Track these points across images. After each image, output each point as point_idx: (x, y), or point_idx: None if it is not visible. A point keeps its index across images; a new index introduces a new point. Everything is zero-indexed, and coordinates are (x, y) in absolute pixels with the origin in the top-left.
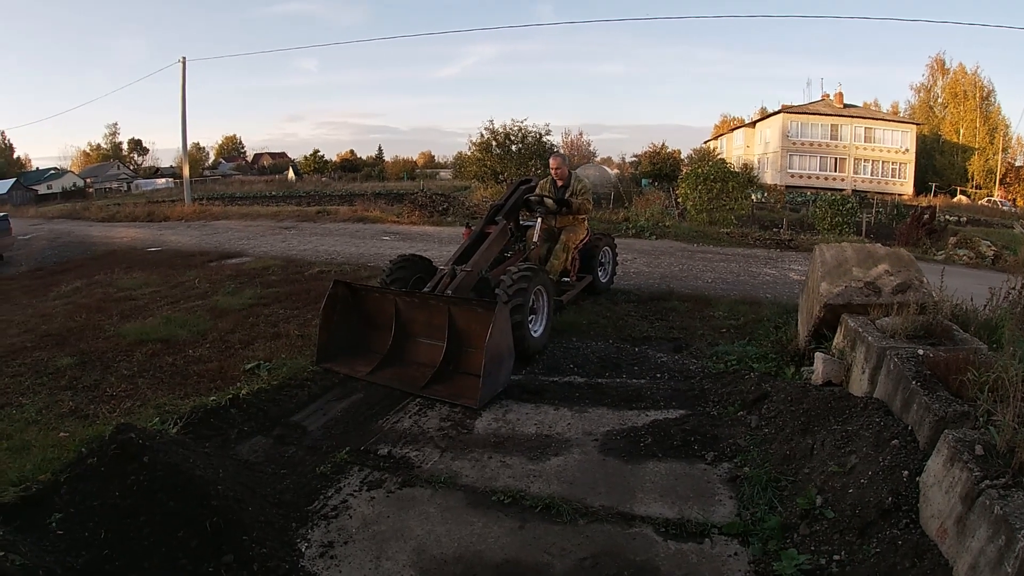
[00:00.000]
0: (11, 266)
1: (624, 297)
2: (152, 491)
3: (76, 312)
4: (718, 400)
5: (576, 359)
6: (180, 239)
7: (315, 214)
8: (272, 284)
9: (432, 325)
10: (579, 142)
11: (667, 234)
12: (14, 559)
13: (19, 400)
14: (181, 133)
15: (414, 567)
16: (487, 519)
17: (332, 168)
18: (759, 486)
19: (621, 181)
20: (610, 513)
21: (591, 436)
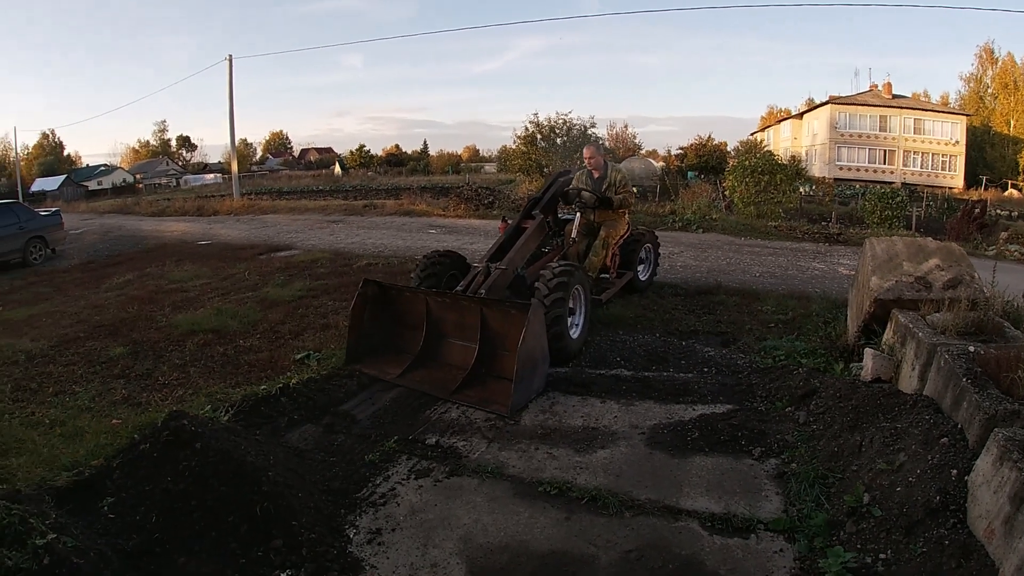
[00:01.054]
0: (63, 259)
1: (671, 291)
2: (204, 476)
3: (128, 303)
4: (766, 395)
5: (623, 352)
6: (229, 233)
7: (362, 208)
8: (321, 276)
9: (464, 325)
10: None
11: (714, 227)
12: (66, 541)
13: (72, 388)
14: (229, 129)
15: (460, 555)
16: (533, 509)
17: (378, 162)
18: (806, 483)
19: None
20: (656, 506)
21: (638, 429)
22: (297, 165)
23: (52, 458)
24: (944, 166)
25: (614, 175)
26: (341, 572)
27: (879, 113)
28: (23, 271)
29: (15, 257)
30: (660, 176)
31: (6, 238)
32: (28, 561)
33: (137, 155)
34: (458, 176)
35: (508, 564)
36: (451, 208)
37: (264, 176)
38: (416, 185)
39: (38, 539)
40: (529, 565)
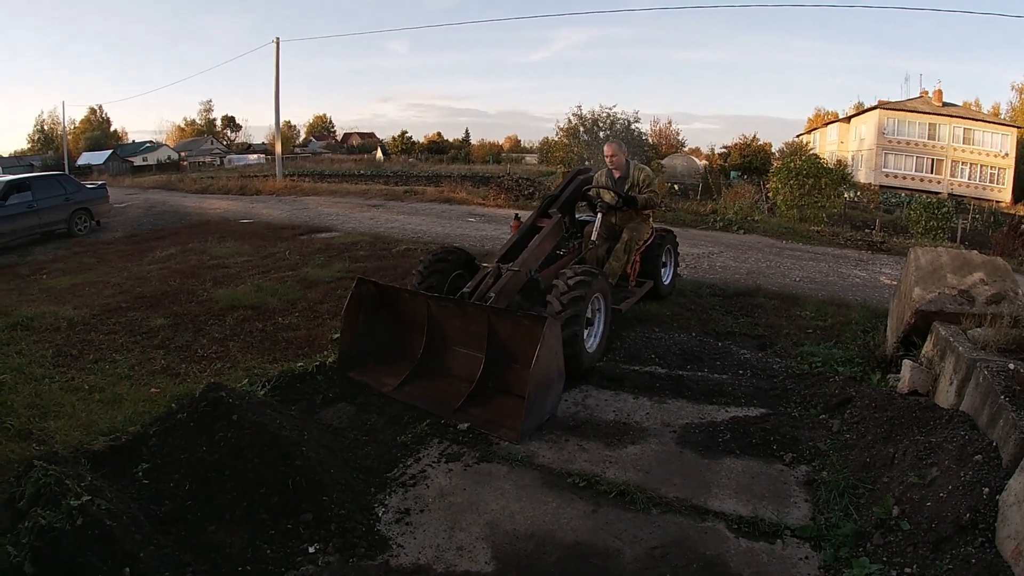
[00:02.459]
0: (108, 232)
1: (709, 291)
2: (239, 448)
3: (170, 277)
4: (800, 401)
5: (658, 349)
6: (271, 212)
7: (402, 193)
8: (360, 259)
9: (470, 333)
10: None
11: (755, 229)
12: (100, 503)
13: (112, 356)
14: (274, 111)
15: (486, 540)
16: (561, 500)
17: (419, 149)
18: (836, 491)
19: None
20: (684, 505)
21: (669, 427)
22: (339, 149)
23: (90, 423)
24: (992, 178)
25: (637, 174)
26: (368, 549)
27: (928, 121)
28: (68, 241)
29: (60, 227)
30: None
31: (52, 209)
32: (62, 521)
33: (182, 133)
34: (499, 166)
35: (534, 552)
36: (491, 197)
37: (307, 158)
38: (456, 173)
39: (73, 500)
40: (554, 555)
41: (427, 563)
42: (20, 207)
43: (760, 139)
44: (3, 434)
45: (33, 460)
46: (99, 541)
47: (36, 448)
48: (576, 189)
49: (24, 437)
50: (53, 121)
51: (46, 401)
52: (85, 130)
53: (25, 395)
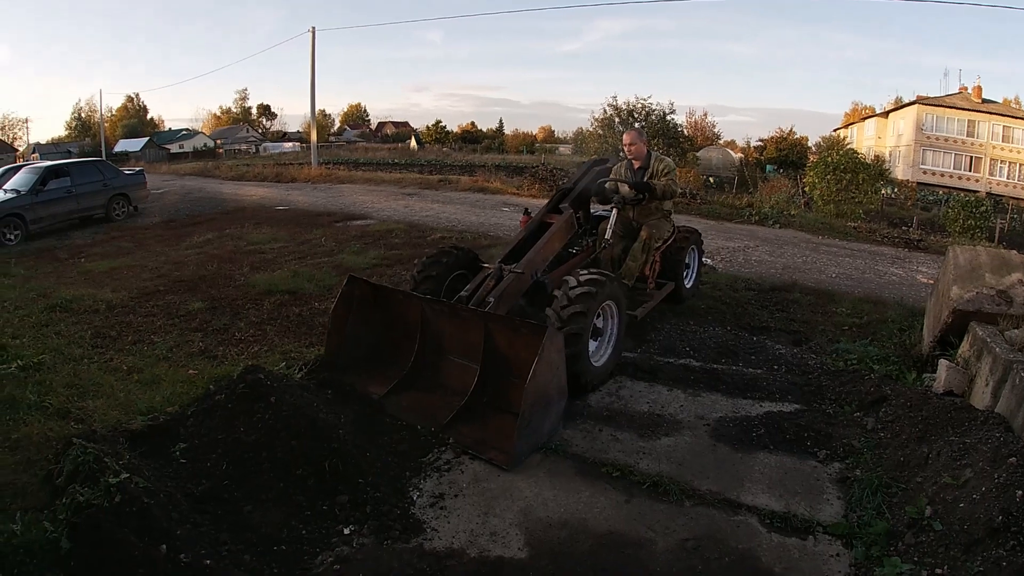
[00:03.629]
0: (145, 217)
1: (744, 284)
2: (276, 429)
3: (207, 261)
4: (835, 398)
5: (692, 342)
6: (306, 200)
7: (436, 182)
8: (395, 247)
9: (465, 341)
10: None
11: (791, 223)
12: (138, 481)
13: (151, 338)
14: (310, 100)
15: (519, 527)
16: (594, 489)
17: (453, 139)
18: (869, 490)
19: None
20: (716, 498)
21: (703, 420)
22: (374, 138)
23: (128, 403)
24: None
25: (657, 165)
26: (403, 532)
27: (967, 117)
28: (106, 226)
29: (98, 212)
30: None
31: (90, 194)
32: (100, 498)
33: (218, 121)
34: (532, 156)
35: (566, 540)
36: (525, 188)
37: (341, 147)
38: (490, 163)
39: (111, 478)
40: (587, 543)
41: (461, 547)
42: (59, 192)
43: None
44: (42, 413)
45: (72, 438)
46: (137, 518)
47: (75, 427)
48: (592, 182)
49: (63, 416)
50: (90, 109)
51: (85, 381)
52: (122, 118)
53: (64, 375)
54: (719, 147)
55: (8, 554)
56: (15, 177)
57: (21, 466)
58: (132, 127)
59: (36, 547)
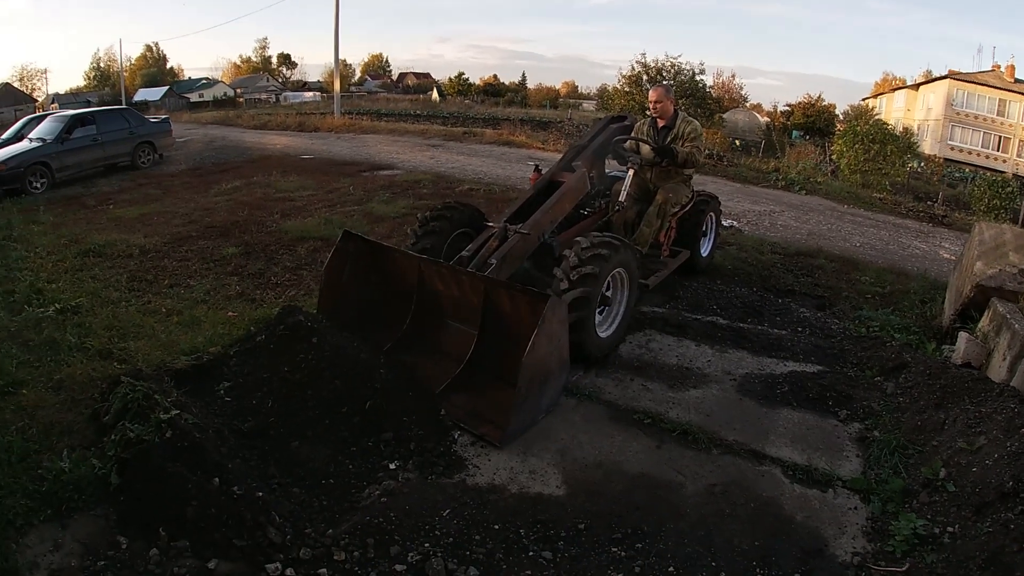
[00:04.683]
0: (171, 165)
1: (770, 248)
2: (319, 369)
3: (238, 208)
4: (856, 362)
5: (720, 301)
6: (331, 149)
7: (461, 135)
8: (424, 196)
9: (464, 306)
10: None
11: (817, 191)
12: (187, 418)
13: (187, 282)
14: (334, 49)
15: (557, 466)
16: (627, 435)
17: (475, 91)
18: (887, 450)
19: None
20: (743, 448)
21: (730, 375)
22: (395, 88)
23: (170, 343)
24: None
25: (683, 127)
26: (446, 468)
27: (999, 96)
28: (132, 173)
29: (124, 160)
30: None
31: (116, 142)
32: (151, 433)
33: (238, 70)
34: (555, 111)
35: (601, 479)
36: (551, 142)
37: (362, 97)
38: (514, 116)
39: (162, 414)
40: (620, 483)
41: (502, 483)
42: (85, 140)
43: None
44: (83, 354)
45: (120, 376)
46: (189, 453)
47: (117, 367)
48: (608, 139)
49: (104, 356)
50: (109, 58)
51: (124, 323)
52: (141, 67)
53: (103, 317)
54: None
55: (57, 491)
56: (40, 126)
57: (66, 405)
58: (151, 76)
59: (85, 483)
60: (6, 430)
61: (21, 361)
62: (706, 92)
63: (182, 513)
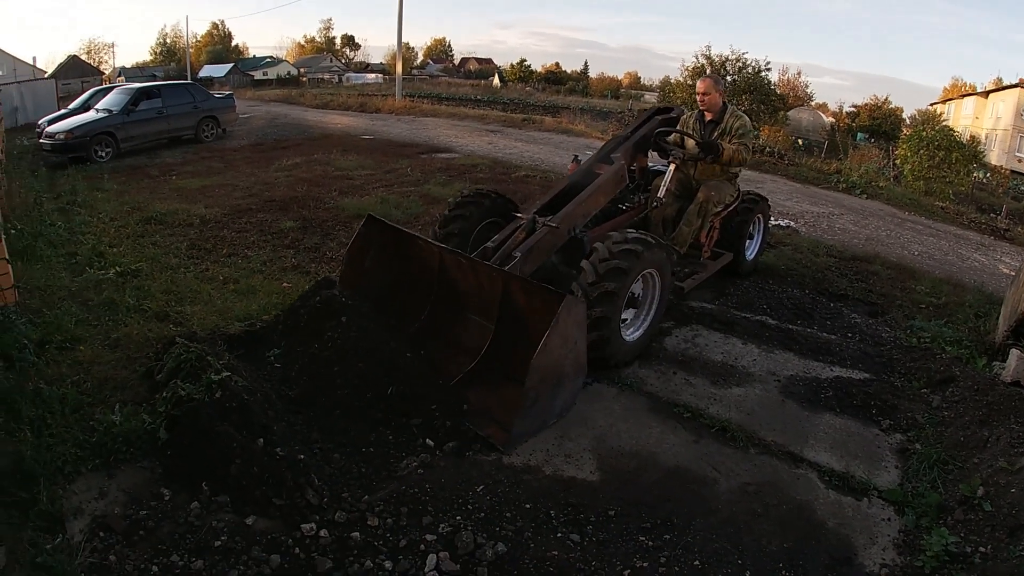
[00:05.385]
0: (234, 139)
1: (826, 251)
2: (344, 350)
3: (297, 184)
4: (904, 372)
5: (770, 301)
6: (391, 130)
7: (520, 121)
8: (480, 180)
9: (482, 299)
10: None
11: (878, 195)
12: (237, 380)
13: (245, 252)
14: (397, 31)
15: (592, 452)
16: (665, 427)
17: (536, 79)
18: (927, 463)
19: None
20: (780, 450)
21: (774, 376)
22: (456, 73)
23: (225, 309)
24: None
25: (732, 121)
26: (483, 446)
27: None
28: (195, 146)
29: (188, 133)
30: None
31: (181, 115)
32: (201, 393)
33: (302, 50)
34: (617, 101)
35: (636, 469)
36: (610, 132)
37: (424, 80)
38: (574, 105)
39: (213, 375)
40: (655, 474)
41: (537, 465)
42: (150, 113)
43: (891, 102)
44: (140, 315)
45: (175, 337)
46: (237, 413)
47: (173, 329)
48: (651, 131)
49: (161, 319)
50: (176, 35)
51: (182, 288)
52: (207, 44)
53: (161, 282)
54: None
55: (107, 442)
56: (107, 97)
57: (121, 363)
58: (217, 53)
59: (134, 437)
60: (62, 383)
61: (80, 319)
62: (770, 88)
63: (225, 470)
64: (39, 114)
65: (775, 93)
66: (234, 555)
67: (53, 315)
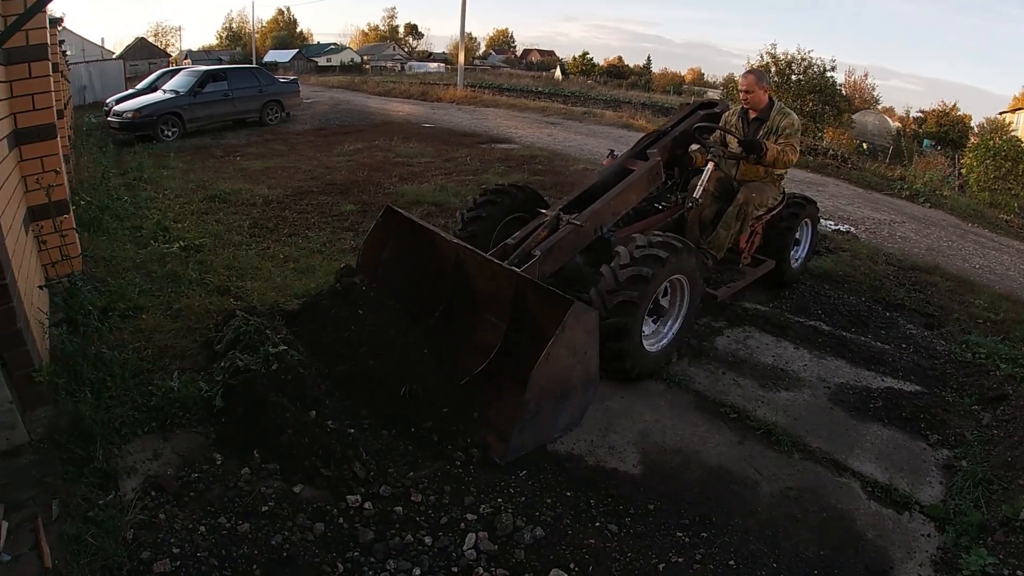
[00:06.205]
0: (297, 123)
1: (885, 259)
2: (357, 343)
3: (358, 169)
4: (956, 388)
5: (825, 306)
6: (452, 119)
7: (580, 114)
8: (538, 172)
9: (494, 298)
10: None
11: (942, 204)
12: (293, 354)
13: (305, 233)
14: (460, 22)
15: (636, 446)
16: (710, 426)
17: (598, 72)
18: (972, 481)
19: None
20: (825, 457)
21: (824, 383)
22: (518, 64)
23: (284, 286)
24: None
25: (778, 119)
26: None
27: None
28: (259, 129)
29: (252, 116)
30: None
31: (246, 98)
32: (258, 364)
33: (365, 38)
34: (679, 97)
35: (679, 465)
36: None
37: (485, 71)
38: (636, 100)
39: (270, 348)
40: (696, 472)
41: (580, 454)
42: (216, 95)
43: (960, 109)
44: (202, 288)
45: (235, 310)
46: (291, 385)
47: (233, 303)
48: (691, 127)
49: (222, 292)
50: (242, 20)
51: (243, 264)
52: (272, 30)
53: (223, 258)
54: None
55: (164, 407)
56: (175, 78)
57: (181, 332)
58: (281, 39)
59: (190, 403)
60: (123, 348)
61: (143, 289)
62: (836, 89)
63: (277, 439)
64: (107, 93)
65: (840, 94)
66: (280, 521)
67: (117, 284)
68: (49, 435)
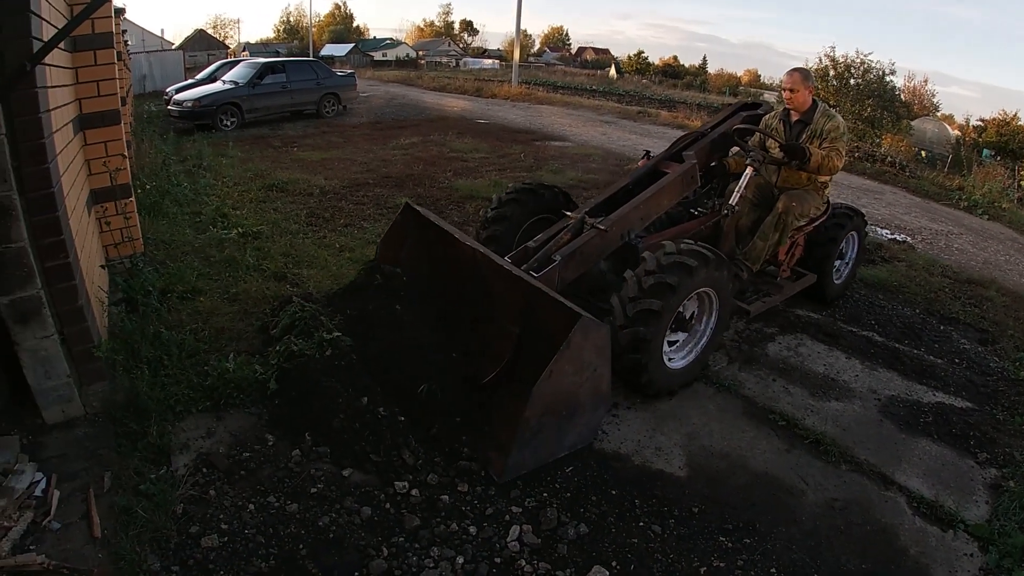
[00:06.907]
0: (353, 116)
1: (941, 271)
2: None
3: (413, 162)
4: (1008, 406)
5: (878, 317)
6: (506, 116)
7: (635, 114)
8: (592, 170)
9: (508, 303)
10: (922, 90)
11: (1001, 217)
12: (345, 340)
13: (361, 223)
14: (516, 19)
15: (683, 448)
16: (758, 432)
17: (654, 71)
18: (1019, 503)
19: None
20: (872, 470)
21: (875, 395)
22: (573, 62)
23: (340, 274)
24: None
25: (823, 122)
26: None
27: None
28: (316, 121)
29: (310, 108)
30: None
31: (304, 91)
32: (313, 349)
33: (421, 33)
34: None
35: (725, 470)
36: None
37: (540, 68)
38: (691, 100)
39: (325, 334)
40: (742, 477)
41: (626, 453)
42: (274, 87)
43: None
44: (259, 274)
45: (292, 296)
46: (344, 371)
47: (289, 289)
48: (730, 129)
49: (279, 279)
50: (299, 13)
51: (299, 252)
52: (328, 24)
53: (280, 245)
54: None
55: (219, 387)
56: (234, 70)
57: (238, 316)
58: (338, 33)
59: (245, 384)
60: (181, 329)
61: (201, 273)
62: (894, 95)
63: (328, 423)
64: (166, 83)
65: (899, 100)
66: (328, 503)
67: (176, 267)
68: (104, 409)
